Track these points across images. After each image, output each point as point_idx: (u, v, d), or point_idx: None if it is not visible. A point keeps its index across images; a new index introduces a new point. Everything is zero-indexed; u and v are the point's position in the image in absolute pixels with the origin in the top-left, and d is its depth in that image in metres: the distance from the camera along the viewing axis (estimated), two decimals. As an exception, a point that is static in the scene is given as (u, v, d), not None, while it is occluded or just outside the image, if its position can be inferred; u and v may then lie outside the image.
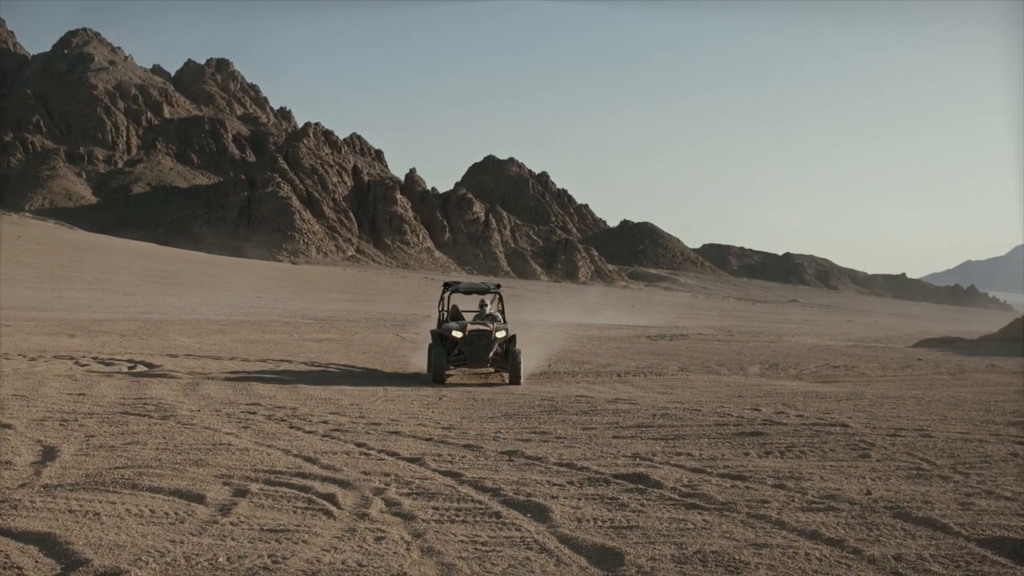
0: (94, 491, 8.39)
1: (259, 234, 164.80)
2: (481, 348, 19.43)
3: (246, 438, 11.49)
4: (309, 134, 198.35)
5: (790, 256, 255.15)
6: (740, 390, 18.58)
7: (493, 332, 19.55)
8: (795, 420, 13.63)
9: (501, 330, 19.74)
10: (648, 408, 14.96)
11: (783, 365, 25.67)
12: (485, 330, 19.54)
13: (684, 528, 7.55)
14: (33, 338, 26.39)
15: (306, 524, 7.49)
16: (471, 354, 19.46)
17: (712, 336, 42.60)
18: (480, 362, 19.59)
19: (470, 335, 19.47)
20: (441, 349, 19.52)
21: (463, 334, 19.49)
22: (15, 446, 10.47)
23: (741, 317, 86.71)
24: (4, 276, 73.64)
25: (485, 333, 19.50)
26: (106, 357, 21.56)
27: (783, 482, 9.25)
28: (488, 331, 19.53)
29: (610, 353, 28.31)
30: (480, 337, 19.47)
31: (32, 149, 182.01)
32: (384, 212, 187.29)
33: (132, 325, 34.02)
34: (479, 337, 19.46)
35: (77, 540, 6.84)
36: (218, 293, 73.16)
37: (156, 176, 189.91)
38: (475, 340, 19.45)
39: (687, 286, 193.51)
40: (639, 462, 10.29)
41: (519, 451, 10.90)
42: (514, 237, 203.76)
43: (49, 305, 46.54)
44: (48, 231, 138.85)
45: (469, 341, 19.44)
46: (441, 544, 6.99)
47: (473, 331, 19.51)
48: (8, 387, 15.86)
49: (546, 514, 7.92)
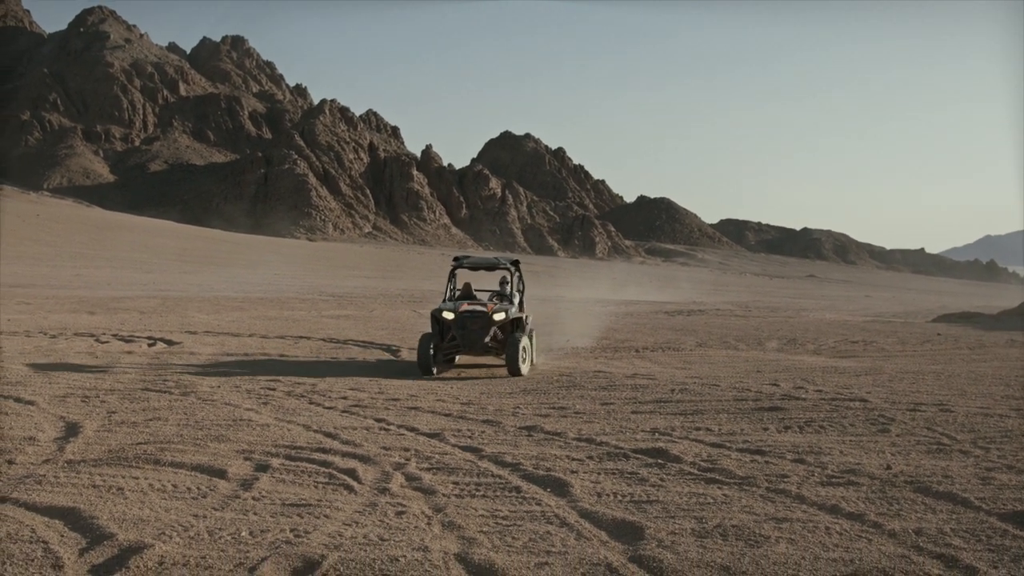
0: (117, 466, 8.46)
1: (276, 211, 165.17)
2: (475, 332, 16.86)
3: (266, 414, 11.55)
4: (325, 111, 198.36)
5: (808, 231, 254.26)
6: (759, 365, 18.54)
7: (490, 314, 16.94)
8: (814, 395, 13.60)
9: (501, 311, 17.05)
10: (667, 383, 14.95)
11: (801, 340, 25.60)
12: (480, 311, 16.98)
13: (704, 502, 7.56)
14: (54, 316, 26.55)
15: (327, 499, 7.53)
16: (463, 339, 16.90)
17: (730, 312, 42.50)
18: (475, 348, 17.00)
19: (462, 316, 16.92)
20: (431, 334, 16.97)
21: (454, 315, 16.94)
22: (38, 422, 10.56)
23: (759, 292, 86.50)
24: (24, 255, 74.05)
25: (480, 315, 16.94)
26: (126, 334, 21.67)
27: (802, 457, 9.24)
28: (484, 312, 16.95)
29: (628, 329, 28.30)
30: (474, 319, 16.91)
31: (49, 128, 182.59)
32: (401, 189, 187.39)
33: (151, 302, 34.18)
34: (473, 319, 16.91)
35: (101, 515, 6.90)
36: (236, 270, 73.41)
37: (173, 154, 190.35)
38: (468, 323, 16.90)
39: (704, 262, 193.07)
40: (658, 437, 10.30)
41: (538, 426, 10.92)
42: (531, 213, 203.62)
43: (69, 283, 46.79)
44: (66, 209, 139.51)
45: (461, 324, 16.91)
46: (462, 518, 7.02)
47: (466, 312, 16.98)
48: (31, 364, 15.96)
49: (566, 489, 7.94)
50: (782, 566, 6.01)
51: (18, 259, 69.78)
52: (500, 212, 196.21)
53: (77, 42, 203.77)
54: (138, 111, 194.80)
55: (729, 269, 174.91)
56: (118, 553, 6.07)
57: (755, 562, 6.08)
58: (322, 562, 5.96)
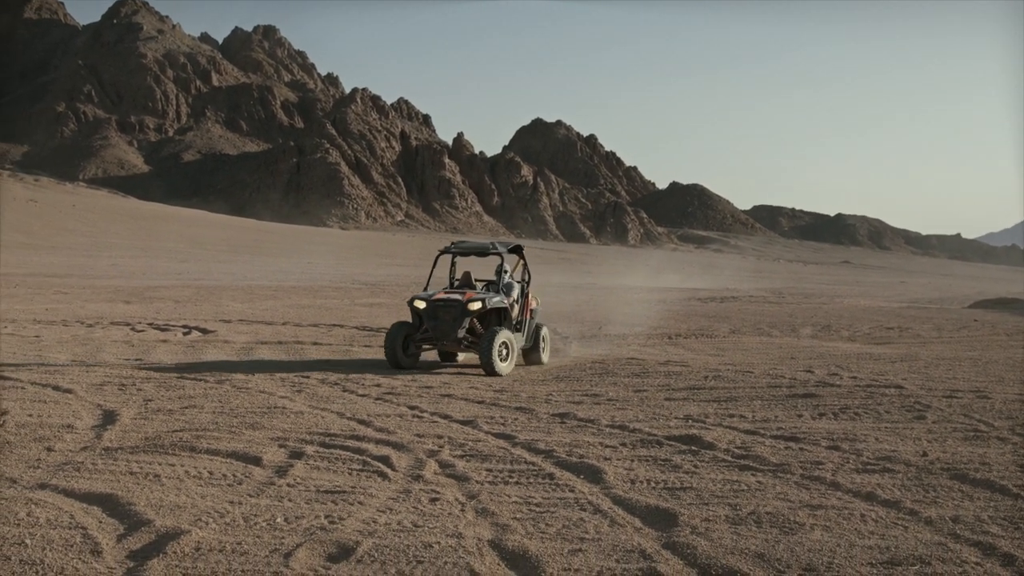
0: (154, 453, 8.54)
1: (309, 200, 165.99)
2: (447, 323, 15.19)
3: (300, 401, 11.62)
4: (357, 100, 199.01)
5: (842, 217, 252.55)
6: (792, 352, 18.44)
7: (465, 303, 15.22)
8: (849, 382, 13.51)
9: (477, 301, 15.29)
10: (700, 370, 14.90)
11: (836, 327, 25.43)
12: (454, 300, 15.28)
13: (738, 489, 7.53)
14: (90, 305, 26.81)
15: (361, 485, 7.57)
16: (435, 330, 15.25)
17: (763, 298, 42.29)
18: (449, 341, 15.30)
19: (434, 306, 15.31)
20: (401, 324, 15.56)
21: (426, 304, 15.38)
22: (76, 410, 10.67)
23: (792, 279, 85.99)
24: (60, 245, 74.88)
25: (453, 304, 15.23)
26: (161, 323, 21.86)
27: (837, 444, 9.19)
28: (458, 301, 15.23)
29: (660, 315, 28.22)
30: (447, 309, 15.24)
31: (84, 119, 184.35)
32: (432, 177, 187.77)
33: (186, 291, 34.43)
34: (446, 309, 15.24)
35: (139, 501, 6.96)
36: (269, 259, 73.85)
37: (206, 144, 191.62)
38: (440, 313, 15.26)
39: (737, 248, 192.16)
40: (692, 424, 10.27)
41: (571, 413, 10.92)
42: (562, 200, 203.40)
43: (105, 273, 47.24)
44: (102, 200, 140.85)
45: (433, 313, 15.30)
46: (495, 505, 7.04)
47: (439, 301, 15.35)
48: (68, 353, 16.15)
49: (599, 475, 7.93)
50: (817, 553, 5.98)
51: (54, 249, 70.57)
52: (532, 199, 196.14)
53: (110, 34, 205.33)
54: (171, 101, 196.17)
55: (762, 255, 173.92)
56: (155, 539, 6.13)
57: (790, 549, 6.05)
58: (356, 548, 5.99)
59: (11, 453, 8.49)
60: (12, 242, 75.59)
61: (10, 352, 15.89)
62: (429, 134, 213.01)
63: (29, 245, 73.75)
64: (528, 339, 16.23)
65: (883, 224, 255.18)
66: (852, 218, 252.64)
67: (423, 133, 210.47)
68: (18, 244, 73.74)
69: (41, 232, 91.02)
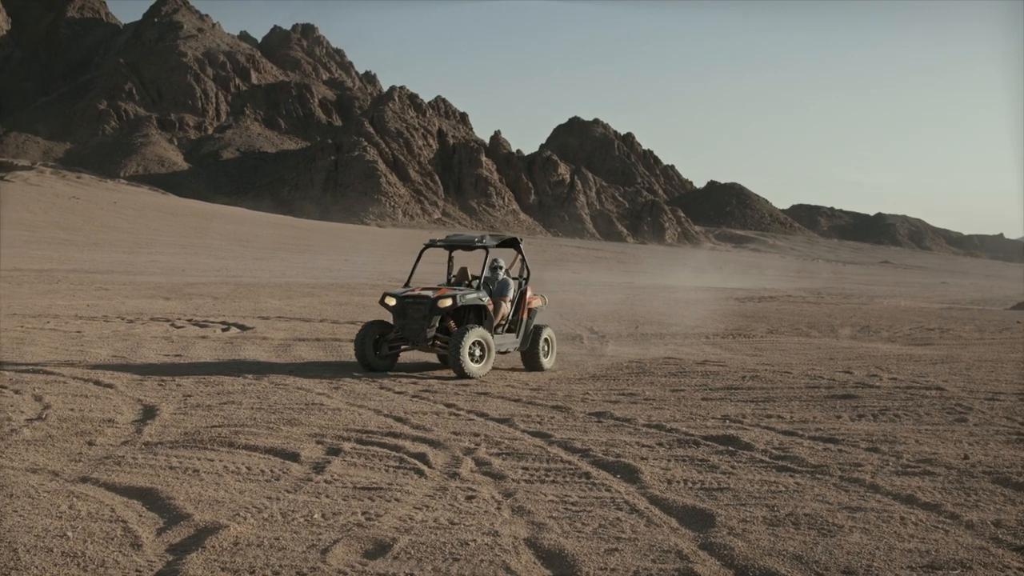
0: (193, 448, 8.61)
1: (346, 198, 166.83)
2: (416, 322, 14.31)
3: (338, 398, 11.67)
4: (394, 98, 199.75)
5: (882, 216, 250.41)
6: (831, 352, 18.30)
7: (435, 300, 14.20)
8: (888, 383, 13.38)
9: (448, 298, 14.24)
10: (737, 370, 14.82)
11: (875, 327, 25.21)
12: (423, 297, 14.34)
13: (776, 490, 7.48)
14: (130, 301, 27.08)
15: (398, 483, 7.59)
16: (404, 329, 14.45)
17: (801, 298, 41.99)
18: (418, 341, 14.43)
19: (403, 303, 14.46)
20: (373, 323, 14.82)
21: (396, 301, 14.55)
22: (117, 405, 10.78)
23: (831, 279, 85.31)
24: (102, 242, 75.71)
25: (422, 301, 14.29)
26: (200, 319, 22.04)
27: (877, 445, 9.10)
28: (427, 298, 14.27)
29: (697, 315, 28.10)
30: (416, 306, 14.35)
31: (125, 117, 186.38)
32: (469, 175, 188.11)
33: (224, 288, 34.69)
34: (415, 306, 14.36)
35: (178, 495, 7.03)
36: (306, 256, 74.27)
37: (245, 142, 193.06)
38: (409, 310, 14.42)
39: (776, 248, 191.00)
40: (729, 424, 10.22)
41: (608, 412, 10.89)
42: (599, 199, 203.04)
43: (144, 269, 47.71)
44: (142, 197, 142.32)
45: (402, 311, 14.45)
46: (531, 504, 7.03)
47: (409, 298, 14.48)
48: (109, 348, 16.32)
49: (636, 475, 7.91)
50: (856, 556, 5.92)
51: (96, 246, 71.38)
52: (569, 198, 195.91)
53: (151, 32, 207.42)
54: (211, 100, 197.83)
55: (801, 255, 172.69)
56: (194, 533, 6.18)
57: (828, 551, 6.00)
58: (393, 545, 6.01)
59: (53, 446, 8.60)
60: (54, 239, 76.57)
61: (52, 347, 16.09)
62: (466, 132, 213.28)
63: (71, 242, 74.67)
64: (525, 341, 15.36)
65: (924, 224, 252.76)
66: (892, 218, 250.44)
67: (460, 131, 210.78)
68: (60, 241, 74.70)
69: (83, 229, 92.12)
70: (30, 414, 10.06)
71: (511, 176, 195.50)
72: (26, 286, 31.57)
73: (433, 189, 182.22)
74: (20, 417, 9.88)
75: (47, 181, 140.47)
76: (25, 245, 64.86)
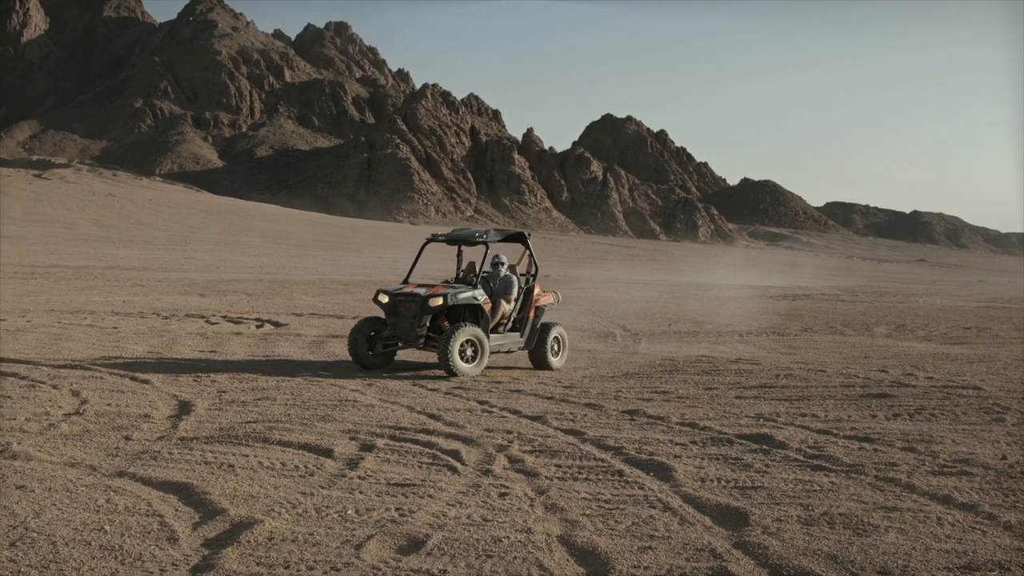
0: (227, 444, 8.68)
1: (379, 195, 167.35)
2: (407, 320, 14.02)
3: (371, 395, 11.72)
4: (427, 95, 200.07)
5: (918, 214, 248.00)
6: (866, 351, 18.16)
7: (425, 298, 13.86)
8: (924, 382, 13.27)
9: (439, 296, 13.85)
10: (771, 368, 14.74)
11: (911, 326, 24.98)
12: (414, 295, 14.02)
13: (810, 490, 7.43)
14: (166, 298, 27.31)
15: (431, 479, 7.61)
16: (396, 327, 14.21)
17: (836, 296, 41.69)
18: (410, 340, 14.16)
19: (395, 300, 14.22)
20: (368, 320, 14.62)
21: (388, 298, 14.33)
22: (153, 400, 10.88)
23: (869, 276, 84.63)
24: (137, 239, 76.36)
25: (413, 299, 13.99)
26: (235, 316, 22.19)
27: (913, 445, 9.02)
28: (418, 296, 13.95)
29: (731, 313, 27.97)
30: (408, 304, 14.04)
31: (161, 115, 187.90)
32: (502, 172, 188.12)
33: (258, 285, 34.90)
34: (407, 304, 14.05)
35: (213, 490, 7.08)
36: (340, 254, 74.58)
37: (278, 139, 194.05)
38: (401, 308, 14.11)
39: (810, 245, 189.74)
40: (763, 422, 10.17)
41: (640, 410, 10.87)
42: (632, 196, 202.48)
43: (179, 266, 48.08)
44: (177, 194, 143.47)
45: (394, 309, 14.20)
46: (564, 501, 7.03)
47: (400, 295, 14.20)
48: (145, 344, 16.47)
49: (669, 473, 7.89)
50: (892, 556, 5.88)
51: (131, 243, 72.02)
52: (601, 195, 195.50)
53: (186, 31, 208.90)
54: (245, 98, 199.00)
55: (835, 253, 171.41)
56: (230, 528, 6.23)
57: (864, 551, 5.96)
58: (426, 541, 6.03)
59: (91, 441, 8.69)
60: (91, 235, 77.36)
61: (89, 343, 16.26)
62: (499, 129, 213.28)
63: (107, 239, 75.40)
64: (531, 339, 14.93)
65: (960, 222, 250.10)
66: (928, 215, 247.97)
67: (493, 128, 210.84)
68: (97, 238, 75.45)
69: (119, 226, 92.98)
70: (68, 409, 10.18)
71: (544, 173, 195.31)
72: (63, 282, 31.91)
73: (466, 186, 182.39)
74: (58, 412, 10.00)
75: (84, 179, 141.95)
76: (62, 242, 65.58)
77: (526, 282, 15.35)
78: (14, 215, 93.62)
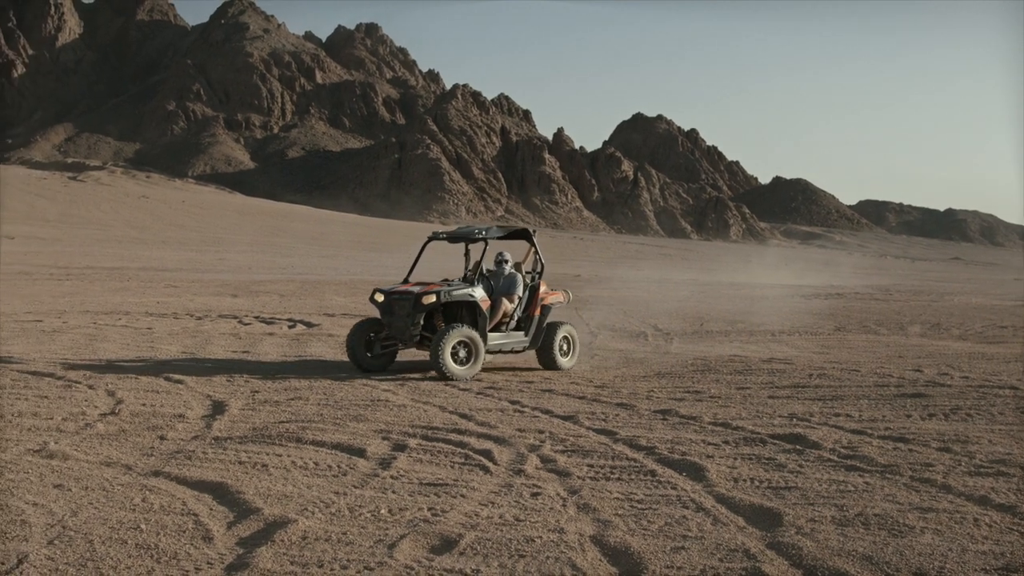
0: (261, 444, 8.73)
1: (410, 196, 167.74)
2: (401, 319, 13.59)
3: (403, 395, 11.75)
4: (457, 96, 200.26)
5: (952, 212, 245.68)
6: (900, 350, 18.01)
7: (418, 296, 13.44)
8: (960, 382, 13.14)
9: (432, 294, 13.44)
10: (804, 368, 14.66)
11: (946, 325, 24.75)
12: (408, 292, 13.64)
13: (844, 490, 7.38)
14: (199, 298, 27.51)
15: (463, 479, 7.62)
16: (391, 327, 13.80)
17: (869, 295, 41.38)
18: (405, 339, 13.77)
19: (390, 299, 13.77)
20: (367, 321, 14.34)
21: (384, 297, 13.89)
22: (187, 400, 10.97)
23: (900, 276, 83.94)
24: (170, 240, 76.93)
25: (406, 297, 13.57)
26: (267, 316, 22.32)
27: (948, 445, 8.94)
28: (410, 295, 13.54)
29: (763, 312, 27.83)
30: (402, 303, 13.61)
31: (193, 117, 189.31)
32: (532, 172, 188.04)
33: (290, 285, 35.10)
34: (400, 303, 13.61)
35: (247, 490, 7.13)
36: (371, 254, 74.82)
37: (310, 140, 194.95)
38: (395, 307, 13.68)
39: (842, 244, 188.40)
40: (796, 422, 10.11)
41: (673, 410, 10.83)
42: (663, 196, 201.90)
43: (212, 267, 48.41)
44: (209, 196, 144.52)
45: (388, 308, 13.76)
46: (597, 501, 7.02)
47: (395, 294, 13.79)
48: (178, 344, 16.60)
49: (702, 473, 7.86)
50: (928, 557, 5.82)
51: (164, 244, 72.60)
52: (632, 195, 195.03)
53: (218, 33, 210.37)
54: (276, 99, 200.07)
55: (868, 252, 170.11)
56: (264, 527, 6.26)
57: (899, 552, 5.91)
58: (459, 541, 6.04)
59: (126, 441, 8.77)
60: (125, 237, 78.05)
61: (124, 343, 16.41)
62: (529, 129, 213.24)
63: (141, 240, 76.05)
64: (537, 339, 14.54)
65: (996, 219, 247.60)
66: (963, 213, 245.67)
67: (523, 128, 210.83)
68: (131, 239, 76.12)
69: (152, 227, 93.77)
70: (103, 409, 10.28)
71: (574, 173, 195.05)
72: (98, 284, 32.23)
73: (496, 187, 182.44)
74: (94, 412, 10.10)
75: (118, 181, 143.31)
76: (97, 244, 66.22)
77: (532, 280, 15.04)
78: (49, 217, 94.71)
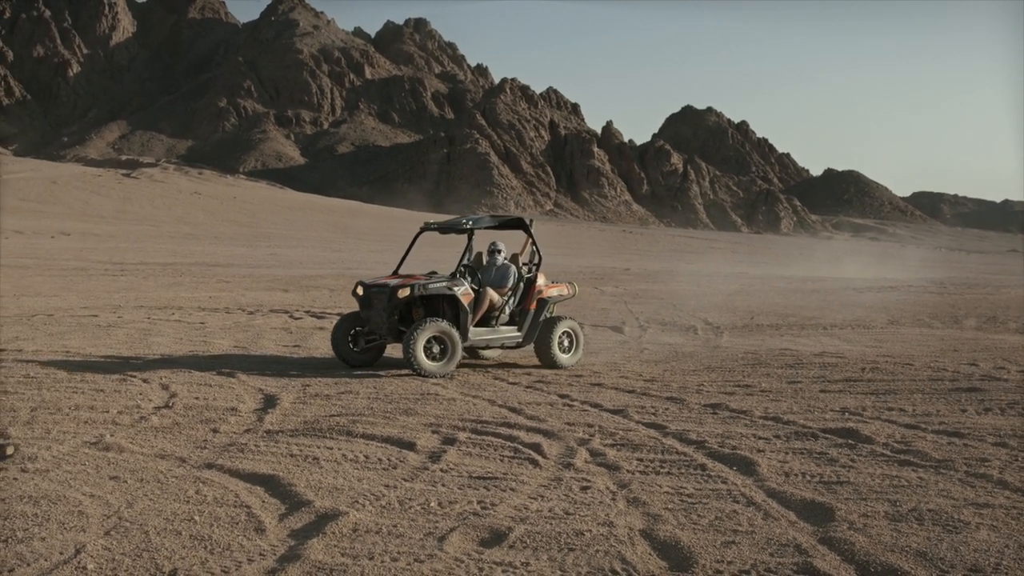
0: (312, 437, 8.81)
1: (459, 190, 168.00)
2: (378, 312, 13.22)
3: (452, 388, 11.80)
4: (506, 90, 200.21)
5: (1009, 203, 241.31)
6: (955, 344, 17.75)
7: (393, 290, 12.99)
8: (1017, 376, 12.94)
9: (406, 288, 12.94)
10: (856, 362, 14.50)
11: (1002, 318, 24.34)
12: (383, 285, 13.26)
13: (897, 485, 7.30)
14: (251, 293, 27.77)
15: (513, 472, 7.64)
16: (370, 320, 13.43)
17: (923, 288, 40.82)
18: (383, 333, 13.35)
19: (368, 292, 13.43)
20: (352, 315, 13.84)
21: (363, 290, 13.54)
22: (239, 394, 11.09)
23: (955, 268, 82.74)
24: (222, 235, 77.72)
25: (382, 290, 13.18)
26: (318, 311, 22.48)
27: (1005, 440, 8.80)
28: (387, 287, 13.13)
29: (815, 305, 27.55)
30: (379, 296, 13.21)
31: (244, 114, 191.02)
32: (581, 165, 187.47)
33: (340, 280, 35.30)
34: (378, 296, 13.22)
35: (299, 482, 7.20)
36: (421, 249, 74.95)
37: (359, 136, 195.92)
38: (373, 300, 13.33)
39: (896, 236, 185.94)
40: (848, 417, 10.01)
41: (723, 404, 10.77)
42: (713, 188, 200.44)
43: (264, 262, 48.84)
44: (260, 192, 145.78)
45: (367, 301, 13.44)
46: (647, 495, 7.00)
47: (374, 288, 13.38)
48: (230, 339, 16.77)
49: (752, 467, 7.81)
50: (983, 554, 5.75)
51: (216, 240, 73.34)
52: (682, 188, 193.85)
53: (269, 31, 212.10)
54: (326, 95, 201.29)
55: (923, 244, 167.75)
56: (315, 519, 6.33)
57: (954, 548, 5.84)
58: (509, 534, 6.06)
59: (180, 434, 8.89)
60: (178, 233, 78.97)
61: (177, 337, 16.61)
62: (578, 123, 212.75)
63: (193, 236, 76.91)
64: (531, 334, 13.90)
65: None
66: (1020, 204, 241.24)
67: (572, 122, 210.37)
68: (184, 235, 76.99)
69: (204, 223, 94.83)
70: (158, 402, 10.42)
71: (623, 166, 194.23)
72: (152, 279, 32.65)
73: (545, 180, 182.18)
74: (148, 405, 10.24)
75: (171, 177, 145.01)
76: (150, 240, 67.07)
77: (528, 271, 14.45)
78: (104, 214, 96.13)
